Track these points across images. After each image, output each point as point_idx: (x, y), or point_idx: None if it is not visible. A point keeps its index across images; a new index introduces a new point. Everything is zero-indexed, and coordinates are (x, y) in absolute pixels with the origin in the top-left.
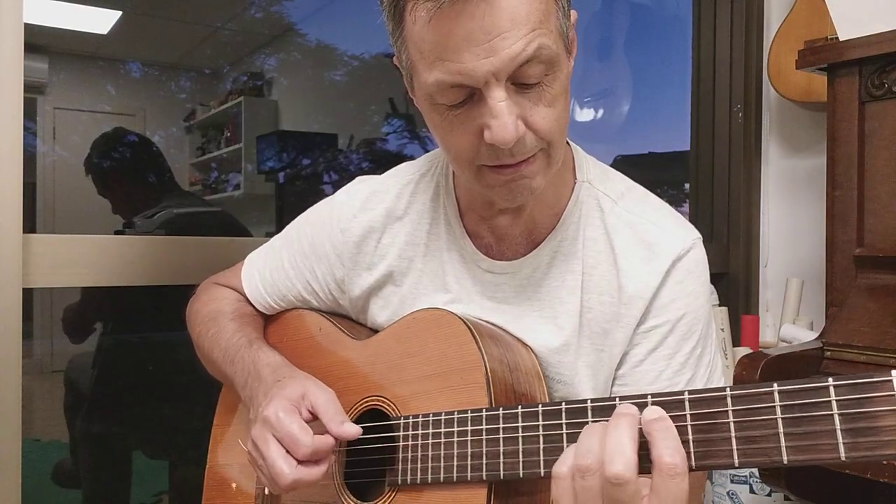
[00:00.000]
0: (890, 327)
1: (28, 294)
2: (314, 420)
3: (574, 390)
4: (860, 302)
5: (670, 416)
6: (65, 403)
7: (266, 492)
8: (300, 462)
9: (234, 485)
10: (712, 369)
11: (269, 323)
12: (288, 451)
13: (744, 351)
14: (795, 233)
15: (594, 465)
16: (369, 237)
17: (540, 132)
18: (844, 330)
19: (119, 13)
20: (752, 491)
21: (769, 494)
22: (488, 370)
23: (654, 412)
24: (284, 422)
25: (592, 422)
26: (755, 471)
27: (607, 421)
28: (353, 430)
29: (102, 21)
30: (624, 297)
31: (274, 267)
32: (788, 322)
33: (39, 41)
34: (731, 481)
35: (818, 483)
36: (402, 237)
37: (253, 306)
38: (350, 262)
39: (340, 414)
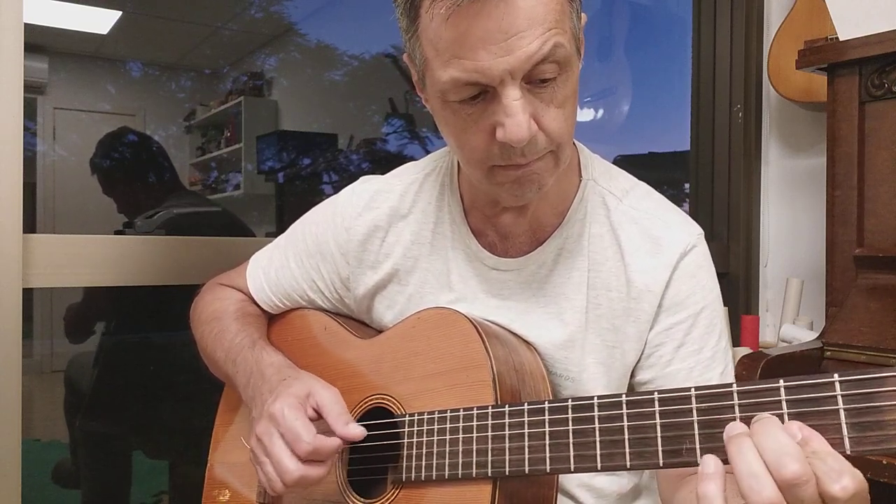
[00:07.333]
0: (890, 327)
1: (28, 294)
2: (319, 419)
3: (583, 387)
4: (860, 302)
5: (676, 409)
6: (65, 403)
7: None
8: (301, 460)
9: (235, 484)
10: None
11: (273, 322)
12: (289, 447)
13: (744, 351)
14: (795, 233)
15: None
16: (374, 235)
17: (551, 134)
18: (844, 330)
19: (119, 13)
20: None
21: None
22: (494, 369)
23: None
24: (289, 418)
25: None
26: None
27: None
28: (356, 431)
29: (102, 21)
30: (633, 292)
31: (279, 266)
32: (788, 322)
33: (39, 41)
34: None
35: None
36: (408, 236)
37: (258, 306)
38: (355, 260)
39: (345, 414)
